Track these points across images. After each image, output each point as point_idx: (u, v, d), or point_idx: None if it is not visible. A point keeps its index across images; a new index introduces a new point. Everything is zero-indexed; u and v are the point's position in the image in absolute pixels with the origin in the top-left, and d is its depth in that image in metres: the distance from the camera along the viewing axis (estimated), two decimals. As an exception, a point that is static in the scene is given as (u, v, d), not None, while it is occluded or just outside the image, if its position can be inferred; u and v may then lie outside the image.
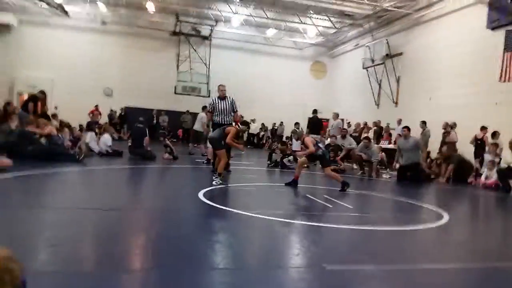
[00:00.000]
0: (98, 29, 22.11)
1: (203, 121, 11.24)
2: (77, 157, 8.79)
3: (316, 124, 13.10)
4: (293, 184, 7.10)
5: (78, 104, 20.21)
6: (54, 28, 21.27)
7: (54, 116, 14.10)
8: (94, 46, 22.23)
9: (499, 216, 6.63)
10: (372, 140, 11.76)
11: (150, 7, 20.91)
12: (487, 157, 10.15)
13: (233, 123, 8.61)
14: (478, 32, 13.96)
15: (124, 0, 20.37)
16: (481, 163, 10.25)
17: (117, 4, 21.10)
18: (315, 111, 13.93)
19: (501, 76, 12.96)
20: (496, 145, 10.18)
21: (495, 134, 11.00)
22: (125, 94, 22.48)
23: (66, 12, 19.55)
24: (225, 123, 8.36)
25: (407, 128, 10.31)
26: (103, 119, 19.19)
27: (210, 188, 6.34)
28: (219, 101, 8.66)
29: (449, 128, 12.54)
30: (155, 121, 20.44)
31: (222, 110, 8.55)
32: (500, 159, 9.44)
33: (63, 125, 10.03)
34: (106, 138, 11.15)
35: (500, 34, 13.06)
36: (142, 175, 7.99)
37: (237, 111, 8.82)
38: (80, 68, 21.96)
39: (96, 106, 19.48)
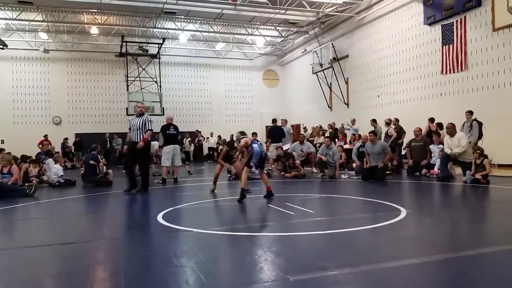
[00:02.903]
0: (40, 58, 21.36)
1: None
2: (27, 191, 8.42)
3: (276, 133, 13.17)
4: (268, 195, 7.01)
5: (26, 135, 19.44)
6: (-7, 60, 20.30)
7: (0, 151, 13.43)
8: (39, 75, 21.47)
9: (450, 206, 6.88)
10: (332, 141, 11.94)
11: (94, 31, 20.45)
12: (433, 148, 10.59)
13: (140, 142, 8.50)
14: (416, 28, 14.70)
15: (65, 26, 19.75)
16: (430, 154, 10.66)
17: (58, 31, 20.46)
18: (274, 120, 14.02)
19: (442, 68, 13.65)
20: (438, 134, 10.65)
21: (439, 125, 11.54)
22: (75, 120, 21.81)
23: (3, 43, 18.68)
24: (137, 141, 8.45)
25: (374, 133, 10.51)
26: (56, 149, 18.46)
27: (169, 209, 6.20)
28: (135, 118, 8.73)
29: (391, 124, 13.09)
30: (108, 145, 19.87)
31: (133, 127, 8.54)
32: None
33: (8, 159, 9.49)
34: (57, 168, 10.71)
35: (437, 29, 13.80)
36: (95, 203, 7.67)
37: (148, 129, 8.51)
38: (25, 99, 21.14)
39: (46, 136, 18.76)
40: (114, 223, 5.88)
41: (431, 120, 11.95)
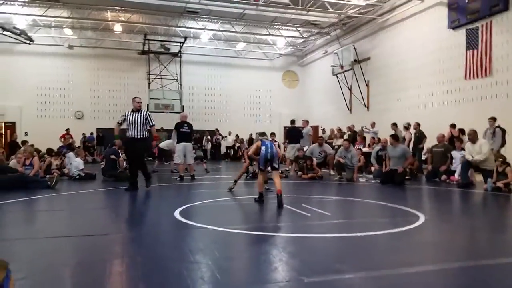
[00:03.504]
0: (65, 53, 21.81)
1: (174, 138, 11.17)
2: (49, 183, 8.63)
3: (294, 134, 13.15)
4: (278, 201, 6.36)
5: (49, 129, 19.88)
6: (19, 55, 20.86)
7: (24, 143, 13.83)
8: (62, 71, 21.93)
9: (470, 213, 6.76)
10: (351, 143, 11.87)
11: (117, 28, 20.80)
12: (455, 154, 10.39)
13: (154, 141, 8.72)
14: (440, 32, 14.42)
15: (89, 22, 20.15)
16: (451, 160, 10.47)
17: (83, 27, 20.90)
18: (293, 121, 14.00)
19: (466, 74, 13.38)
20: (461, 140, 10.45)
21: (462, 131, 11.31)
22: (97, 116, 22.21)
23: (30, 38, 19.17)
24: (138, 137, 8.09)
25: (395, 136, 10.41)
26: (76, 143, 18.90)
27: (186, 206, 6.26)
28: (132, 113, 8.19)
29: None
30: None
31: (134, 123, 8.06)
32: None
33: (30, 152, 9.75)
34: (78, 162, 10.94)
35: (461, 34, 13.52)
36: (114, 198, 7.79)
37: (153, 125, 8.37)
38: (49, 93, 21.65)
39: (67, 130, 19.17)
40: (132, 218, 5.99)
41: (453, 126, 11.73)
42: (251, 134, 22.49)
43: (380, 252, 3.83)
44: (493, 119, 10.85)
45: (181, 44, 21.30)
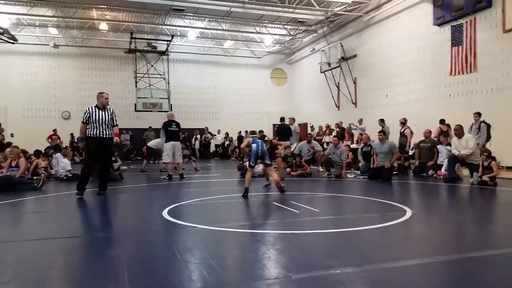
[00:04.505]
0: (50, 53, 21.55)
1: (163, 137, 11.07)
2: (35, 184, 8.53)
3: (284, 131, 13.17)
4: (280, 190, 7.26)
5: (35, 129, 19.64)
6: (3, 55, 20.51)
7: (9, 144, 13.62)
8: (48, 70, 21.67)
9: (456, 207, 6.85)
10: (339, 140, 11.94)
11: (103, 27, 20.60)
12: (441, 148, 10.52)
13: (115, 138, 7.67)
14: (426, 29, 14.58)
15: (75, 21, 19.91)
16: (437, 155, 10.59)
17: (68, 26, 20.64)
18: (282, 119, 14.01)
19: (451, 70, 13.54)
20: (446, 135, 10.60)
21: (448, 126, 11.47)
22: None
23: (13, 38, 18.87)
24: (107, 136, 7.42)
25: (383, 132, 10.53)
26: (64, 143, 18.74)
27: (175, 205, 6.24)
28: (98, 110, 7.42)
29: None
30: (117, 140, 19.96)
31: (101, 121, 7.36)
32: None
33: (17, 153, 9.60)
34: (65, 163, 10.82)
35: (447, 30, 13.68)
36: (102, 198, 7.72)
37: (117, 125, 7.71)
38: (35, 93, 21.33)
39: (55, 130, 18.97)
40: (119, 218, 5.94)
41: (442, 121, 11.87)
42: (240, 132, 22.54)
43: (367, 247, 3.85)
44: (478, 114, 11.01)
45: (168, 42, 21.18)
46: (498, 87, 12.02)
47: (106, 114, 7.49)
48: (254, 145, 7.37)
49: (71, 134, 20.13)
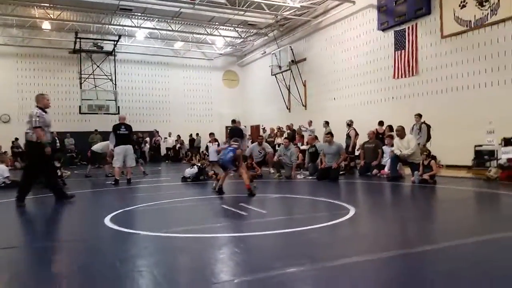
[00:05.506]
0: (-13, 52, 20.16)
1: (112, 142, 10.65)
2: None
3: (236, 133, 13.13)
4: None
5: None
6: None
7: None
8: (-16, 71, 20.26)
9: (398, 204, 7.12)
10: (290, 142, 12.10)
11: (46, 26, 19.61)
12: (386, 149, 10.94)
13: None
14: (371, 34, 15.13)
15: (14, 19, 18.79)
16: (382, 155, 11.00)
17: (6, 24, 19.42)
18: (233, 121, 13.98)
19: (394, 73, 14.13)
20: (391, 136, 11.03)
21: (391, 128, 11.95)
22: (25, 119, 20.67)
23: None
24: (50, 140, 7.20)
25: (330, 134, 10.81)
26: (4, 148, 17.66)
27: (119, 211, 6.01)
28: (43, 113, 6.95)
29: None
30: (58, 145, 18.96)
31: (49, 125, 7.09)
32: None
33: None
34: (2, 169, 10.15)
35: (390, 35, 14.26)
36: (41, 206, 7.32)
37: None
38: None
39: (-7, 134, 17.78)
40: (58, 226, 5.66)
41: (380, 123, 12.40)
42: (191, 134, 22.28)
43: (310, 246, 3.89)
44: (419, 116, 11.55)
45: (115, 42, 20.51)
46: (438, 89, 12.68)
47: (49, 117, 7.15)
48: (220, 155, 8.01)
49: (16, 139, 18.80)
